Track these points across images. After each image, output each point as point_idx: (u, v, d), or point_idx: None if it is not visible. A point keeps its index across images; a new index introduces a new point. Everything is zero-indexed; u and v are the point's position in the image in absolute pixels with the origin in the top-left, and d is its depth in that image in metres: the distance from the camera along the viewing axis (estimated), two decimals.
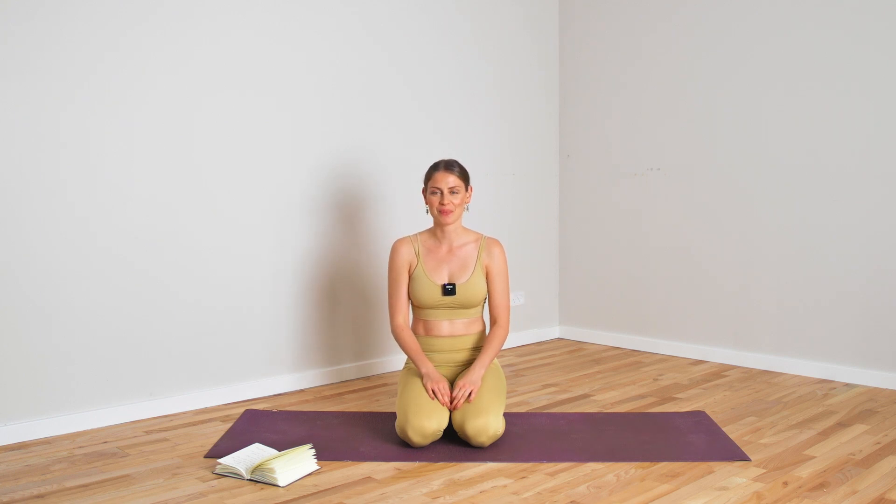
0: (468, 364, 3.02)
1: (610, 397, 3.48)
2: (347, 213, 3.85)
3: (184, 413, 3.30)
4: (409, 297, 3.04)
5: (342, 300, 3.84)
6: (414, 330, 3.06)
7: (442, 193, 2.94)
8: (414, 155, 4.09)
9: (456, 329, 3.02)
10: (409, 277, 3.01)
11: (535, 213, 4.73)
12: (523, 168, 4.65)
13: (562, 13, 4.79)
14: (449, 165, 2.98)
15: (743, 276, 4.05)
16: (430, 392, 2.81)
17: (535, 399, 3.47)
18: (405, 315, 3.04)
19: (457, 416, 2.77)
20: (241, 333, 3.51)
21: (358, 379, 3.87)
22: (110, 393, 3.15)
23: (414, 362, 2.95)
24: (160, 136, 3.25)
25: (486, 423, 2.71)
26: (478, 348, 3.04)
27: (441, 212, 2.95)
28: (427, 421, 2.71)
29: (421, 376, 2.89)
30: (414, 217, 4.08)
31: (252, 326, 3.54)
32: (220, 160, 3.42)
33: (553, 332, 4.87)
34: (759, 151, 3.96)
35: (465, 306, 3.00)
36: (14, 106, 2.90)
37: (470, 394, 2.79)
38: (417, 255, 3.01)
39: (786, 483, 2.44)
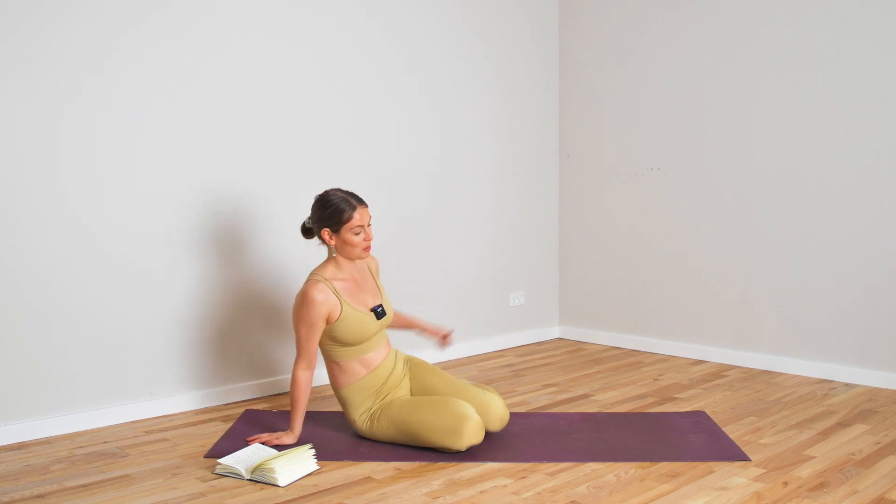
0: (403, 374, 2.94)
1: (610, 397, 3.48)
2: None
3: (184, 413, 3.30)
4: (333, 343, 2.84)
5: None
6: (347, 378, 2.84)
7: (364, 229, 2.79)
8: (413, 153, 4.09)
9: (387, 349, 2.94)
10: (334, 322, 2.76)
11: (534, 213, 4.73)
12: (523, 168, 4.65)
13: (562, 13, 4.79)
14: (361, 199, 2.83)
15: (743, 275, 4.04)
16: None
17: (535, 399, 3.47)
18: (313, 365, 2.82)
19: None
20: (241, 333, 3.51)
21: None
22: (110, 393, 3.15)
23: (294, 416, 2.79)
24: (160, 137, 3.25)
25: (501, 403, 2.88)
26: (398, 356, 2.98)
27: (366, 248, 2.82)
28: (471, 409, 2.70)
29: (290, 432, 2.80)
30: (416, 218, 4.08)
31: (252, 326, 3.54)
32: (221, 160, 3.42)
33: (553, 332, 4.87)
34: (759, 151, 3.95)
35: (388, 324, 2.93)
36: (14, 106, 2.90)
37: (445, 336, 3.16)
38: (338, 296, 2.77)
39: (786, 483, 2.44)
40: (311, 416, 3.20)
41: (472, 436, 2.65)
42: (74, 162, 3.04)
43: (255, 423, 3.11)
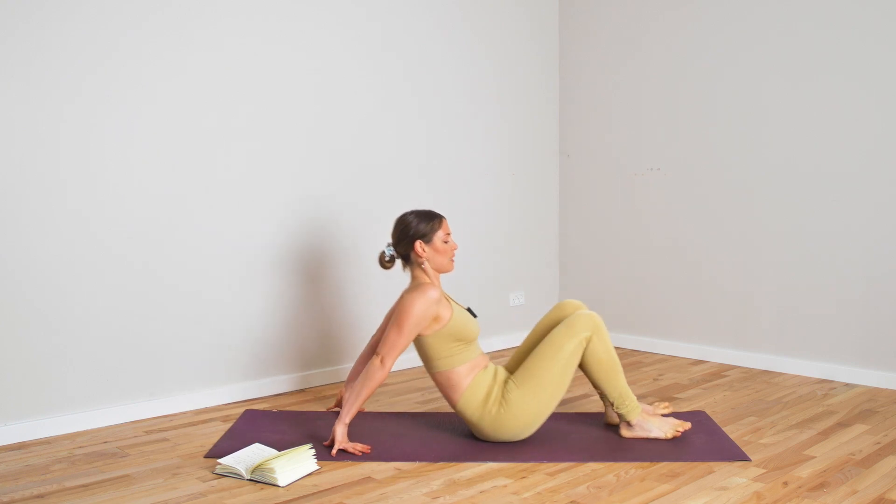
0: (505, 376, 2.91)
1: None
2: (349, 210, 3.85)
3: (184, 413, 3.30)
4: (457, 343, 2.81)
5: (343, 300, 3.84)
6: (466, 379, 2.80)
7: (450, 238, 2.93)
8: (413, 153, 4.09)
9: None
10: (448, 321, 2.79)
11: (534, 213, 4.73)
12: (523, 167, 4.65)
13: (562, 13, 4.79)
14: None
15: (743, 275, 4.05)
16: (347, 450, 2.70)
17: None
18: (390, 368, 2.78)
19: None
20: (241, 333, 3.51)
21: None
22: (110, 393, 3.15)
23: (352, 409, 2.72)
24: (160, 137, 3.25)
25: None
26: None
27: (453, 258, 2.94)
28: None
29: (343, 424, 2.73)
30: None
31: (252, 326, 3.54)
32: (220, 159, 3.42)
33: None
34: (759, 151, 3.96)
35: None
36: (14, 106, 2.90)
37: None
38: (447, 298, 2.89)
39: (786, 483, 2.44)
40: (311, 416, 3.20)
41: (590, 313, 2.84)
42: (74, 162, 3.04)
43: (255, 423, 3.11)
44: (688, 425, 2.87)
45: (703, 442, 2.82)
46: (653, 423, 2.86)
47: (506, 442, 2.80)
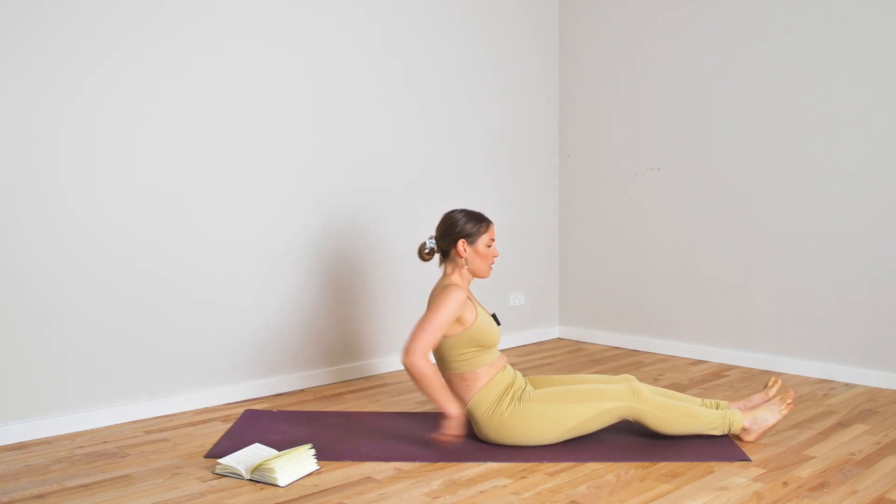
0: (525, 381, 2.92)
1: None
2: (349, 210, 3.85)
3: (184, 413, 3.30)
4: (478, 349, 2.79)
5: (343, 300, 3.84)
6: (480, 381, 2.78)
7: (493, 243, 2.90)
8: (413, 153, 4.09)
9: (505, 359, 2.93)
10: (472, 324, 2.76)
11: (534, 213, 4.73)
12: (523, 167, 4.65)
13: (562, 13, 4.79)
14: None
15: (743, 275, 4.05)
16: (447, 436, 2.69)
17: None
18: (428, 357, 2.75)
19: None
20: (242, 333, 3.51)
21: (358, 379, 3.87)
22: (110, 393, 3.15)
23: (443, 398, 2.68)
24: (160, 137, 3.25)
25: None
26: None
27: (492, 264, 2.91)
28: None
29: (446, 417, 2.69)
30: (414, 219, 4.08)
31: (252, 326, 3.54)
32: (220, 158, 3.42)
33: (553, 331, 4.87)
34: (759, 151, 3.96)
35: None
36: (14, 106, 2.90)
37: None
38: (472, 300, 2.84)
39: (786, 483, 2.44)
40: (311, 416, 3.20)
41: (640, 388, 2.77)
42: (74, 162, 3.04)
43: (255, 423, 3.11)
44: (791, 393, 2.85)
45: (703, 442, 2.81)
46: (761, 414, 2.81)
47: (506, 445, 2.79)
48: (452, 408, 2.69)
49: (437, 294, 2.80)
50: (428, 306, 2.81)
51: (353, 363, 3.90)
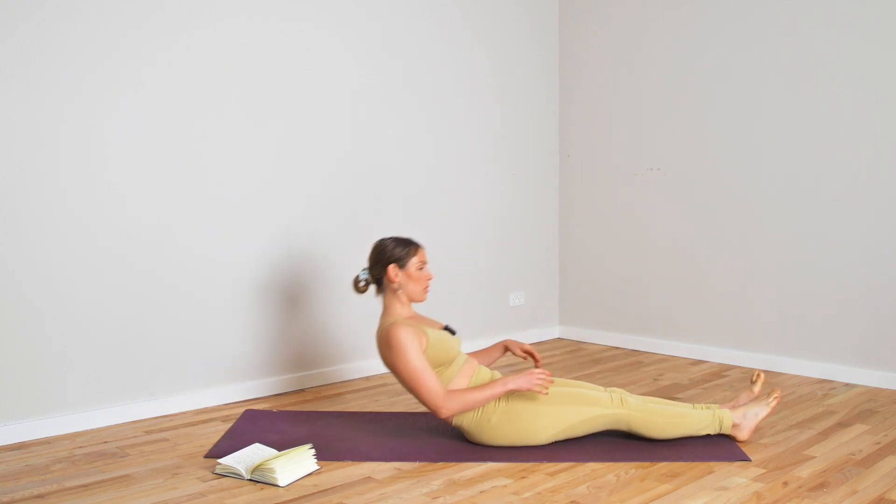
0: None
1: None
2: (349, 209, 3.85)
3: (184, 413, 3.30)
4: (433, 366, 2.76)
5: (343, 299, 3.84)
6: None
7: (425, 266, 2.88)
8: (413, 153, 4.09)
9: (474, 365, 2.88)
10: (425, 349, 2.74)
11: (534, 213, 4.73)
12: (523, 168, 4.65)
13: (562, 13, 4.79)
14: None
15: (743, 275, 4.04)
16: (539, 383, 2.69)
17: None
18: (445, 390, 2.74)
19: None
20: (242, 333, 3.51)
21: (358, 379, 3.87)
22: (110, 393, 3.15)
23: (489, 396, 2.70)
24: (160, 137, 3.25)
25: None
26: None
27: (426, 288, 2.89)
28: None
29: (514, 390, 2.71)
30: (415, 218, 4.08)
31: (252, 326, 3.54)
32: (220, 158, 3.42)
33: (553, 332, 4.87)
34: (759, 151, 3.96)
35: (460, 346, 2.91)
36: (14, 106, 2.90)
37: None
38: (416, 326, 2.79)
39: (786, 483, 2.44)
40: (311, 416, 3.20)
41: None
42: (74, 162, 3.04)
43: (255, 423, 3.11)
44: (776, 390, 2.88)
45: (703, 442, 2.81)
46: (750, 409, 2.83)
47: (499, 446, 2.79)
48: (502, 384, 2.71)
49: (385, 345, 2.76)
50: (389, 362, 2.76)
51: (354, 363, 3.90)
